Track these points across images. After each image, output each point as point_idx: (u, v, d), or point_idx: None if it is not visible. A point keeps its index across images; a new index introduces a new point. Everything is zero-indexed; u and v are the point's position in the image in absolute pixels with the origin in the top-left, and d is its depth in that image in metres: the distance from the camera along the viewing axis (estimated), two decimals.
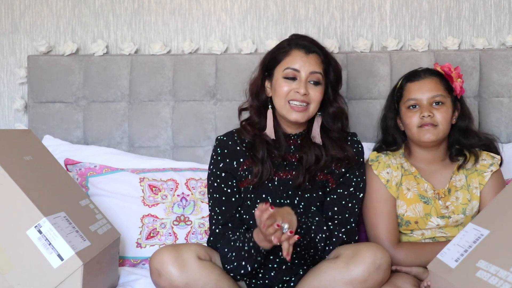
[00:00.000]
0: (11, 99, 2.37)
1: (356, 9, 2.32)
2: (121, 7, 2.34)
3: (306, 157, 1.72)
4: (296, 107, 1.68)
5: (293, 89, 1.68)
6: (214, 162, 1.77)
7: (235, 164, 1.74)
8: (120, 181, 2.02)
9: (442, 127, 1.75)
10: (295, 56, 1.70)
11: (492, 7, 2.31)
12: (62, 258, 1.40)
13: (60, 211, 1.49)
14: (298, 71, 1.69)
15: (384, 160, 1.81)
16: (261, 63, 1.79)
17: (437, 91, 1.77)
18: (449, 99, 1.78)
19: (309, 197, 1.71)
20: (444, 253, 1.36)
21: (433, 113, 1.75)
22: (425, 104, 1.76)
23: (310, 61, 1.70)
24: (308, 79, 1.69)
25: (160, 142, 2.27)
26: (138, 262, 1.93)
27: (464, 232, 1.37)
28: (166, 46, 2.30)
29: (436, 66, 1.83)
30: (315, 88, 1.69)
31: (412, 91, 1.79)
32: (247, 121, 1.79)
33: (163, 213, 1.97)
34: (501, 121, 2.23)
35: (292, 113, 1.69)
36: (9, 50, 2.36)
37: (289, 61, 1.70)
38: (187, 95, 2.26)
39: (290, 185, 1.71)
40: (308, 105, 1.69)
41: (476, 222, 1.36)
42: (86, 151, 2.16)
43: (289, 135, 1.77)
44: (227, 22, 2.34)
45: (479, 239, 1.29)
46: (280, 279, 1.69)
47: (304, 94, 1.67)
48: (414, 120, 1.77)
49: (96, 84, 2.26)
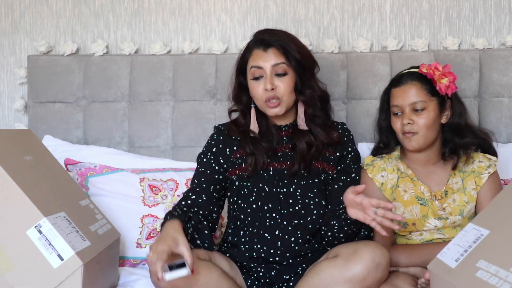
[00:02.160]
0: (11, 99, 2.37)
1: (356, 9, 2.32)
2: (121, 7, 2.34)
3: (298, 144, 1.75)
4: (271, 103, 1.72)
5: (262, 88, 1.72)
6: (207, 145, 1.83)
7: (227, 151, 1.79)
8: (120, 181, 2.02)
9: (423, 133, 1.73)
10: (256, 54, 1.74)
11: (492, 7, 2.31)
12: (62, 258, 1.40)
13: (60, 211, 1.49)
14: (261, 68, 1.72)
15: (379, 164, 1.81)
16: (236, 67, 1.83)
17: (417, 97, 1.74)
18: (434, 102, 1.75)
19: (305, 184, 1.74)
20: (444, 253, 1.36)
21: (413, 120, 1.73)
22: (407, 111, 1.75)
23: (269, 55, 1.72)
24: (273, 73, 1.72)
25: (160, 142, 2.27)
26: (138, 262, 1.93)
27: (464, 232, 1.36)
28: (166, 46, 2.30)
29: (422, 68, 1.78)
30: (281, 79, 1.72)
31: (395, 97, 1.78)
32: (233, 122, 1.84)
33: (163, 213, 1.96)
34: (501, 121, 2.23)
35: (269, 110, 1.73)
36: (9, 50, 2.36)
37: (252, 60, 1.75)
38: (187, 95, 2.26)
39: (286, 174, 1.74)
40: (280, 98, 1.72)
41: (476, 222, 1.36)
42: (86, 151, 2.16)
43: (280, 126, 1.80)
44: (227, 22, 2.34)
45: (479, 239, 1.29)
46: (281, 278, 1.69)
47: (272, 89, 1.70)
48: (398, 127, 1.77)
49: (96, 84, 2.26)
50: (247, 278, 1.71)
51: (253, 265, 1.71)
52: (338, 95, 2.24)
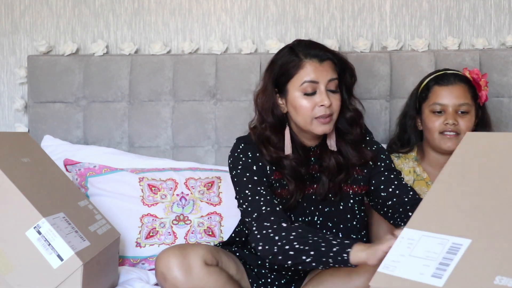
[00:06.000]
0: (11, 99, 2.37)
1: (356, 9, 2.32)
2: (121, 7, 2.34)
3: (326, 164, 1.63)
4: (323, 120, 1.56)
5: (316, 103, 1.55)
6: (243, 163, 1.62)
7: (268, 170, 1.62)
8: (120, 181, 2.02)
9: (461, 136, 1.69)
10: (309, 67, 1.55)
11: (492, 7, 2.31)
12: (61, 258, 1.40)
13: (59, 212, 1.49)
14: (316, 83, 1.55)
15: (397, 164, 1.79)
16: (269, 77, 1.63)
17: (464, 99, 1.73)
18: (474, 108, 1.75)
19: (328, 211, 1.64)
20: (389, 266, 1.09)
21: (457, 121, 1.72)
22: (451, 111, 1.73)
23: (327, 68, 1.57)
24: (327, 88, 1.56)
25: (160, 142, 2.27)
26: (137, 262, 1.93)
27: (411, 240, 1.12)
28: (166, 46, 2.30)
29: (465, 72, 1.77)
30: (334, 96, 1.58)
31: (439, 96, 1.75)
32: (266, 140, 1.63)
33: (163, 213, 1.97)
34: (501, 121, 2.23)
35: (319, 127, 1.57)
36: (9, 50, 2.36)
37: (304, 74, 1.55)
38: (187, 95, 2.26)
39: (314, 199, 1.64)
40: (332, 115, 1.58)
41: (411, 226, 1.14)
42: (86, 151, 2.16)
43: (309, 148, 1.66)
44: (227, 22, 2.34)
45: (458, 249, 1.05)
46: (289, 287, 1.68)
47: (329, 106, 1.55)
48: (437, 125, 1.74)
49: (96, 84, 2.26)
50: (254, 282, 1.69)
51: (264, 271, 1.69)
52: None
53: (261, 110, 1.64)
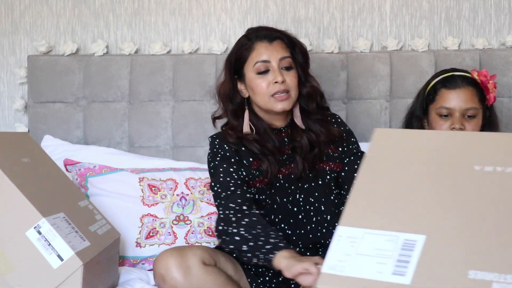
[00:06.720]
0: (11, 99, 2.37)
1: (356, 9, 2.32)
2: (121, 7, 2.34)
3: (299, 143, 1.70)
4: (280, 97, 1.66)
5: (270, 81, 1.66)
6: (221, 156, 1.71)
7: (245, 162, 1.71)
8: (120, 181, 2.02)
9: None
10: (260, 48, 1.67)
11: (492, 7, 2.31)
12: (62, 258, 1.40)
13: (59, 212, 1.49)
14: (268, 62, 1.66)
15: None
16: (226, 66, 1.75)
17: (472, 103, 1.71)
18: (481, 111, 1.74)
19: (308, 188, 1.71)
20: (334, 267, 1.02)
21: (464, 125, 1.71)
22: (458, 115, 1.72)
23: (276, 48, 1.67)
24: (280, 66, 1.66)
25: (160, 142, 2.27)
26: (137, 262, 1.93)
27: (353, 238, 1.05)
28: (166, 46, 2.30)
29: (473, 73, 1.75)
30: (289, 73, 1.68)
31: (446, 99, 1.74)
32: (226, 126, 1.75)
33: (163, 213, 1.97)
34: (501, 121, 2.22)
35: (277, 104, 1.67)
36: (9, 50, 2.36)
37: (255, 55, 1.67)
38: (187, 95, 2.26)
39: (292, 179, 1.70)
40: (289, 92, 1.67)
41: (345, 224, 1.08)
42: (86, 151, 2.16)
43: (280, 129, 1.75)
44: (227, 22, 2.34)
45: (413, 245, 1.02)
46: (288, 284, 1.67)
47: (282, 82, 1.65)
48: (443, 129, 1.73)
49: (96, 84, 2.26)
50: (253, 281, 1.69)
51: (261, 270, 1.69)
52: (338, 95, 2.24)
53: (222, 98, 1.76)
